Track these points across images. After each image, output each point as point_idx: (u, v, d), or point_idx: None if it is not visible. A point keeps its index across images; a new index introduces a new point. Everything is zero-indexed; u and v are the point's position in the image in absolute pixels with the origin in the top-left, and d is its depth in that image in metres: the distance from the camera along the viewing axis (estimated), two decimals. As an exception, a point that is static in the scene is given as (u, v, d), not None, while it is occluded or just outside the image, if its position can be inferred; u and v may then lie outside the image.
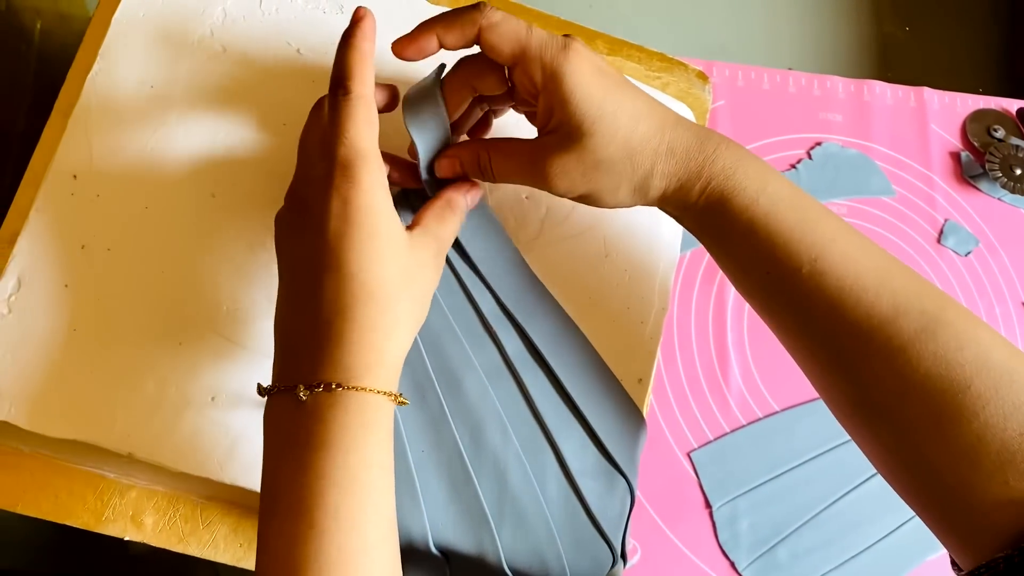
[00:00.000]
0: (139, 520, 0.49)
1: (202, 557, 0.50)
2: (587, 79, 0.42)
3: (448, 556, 0.49)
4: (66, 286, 0.48)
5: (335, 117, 0.41)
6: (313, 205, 0.40)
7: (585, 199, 0.46)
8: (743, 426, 0.70)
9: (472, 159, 0.46)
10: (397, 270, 0.41)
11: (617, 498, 0.51)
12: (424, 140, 0.46)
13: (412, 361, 0.50)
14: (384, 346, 0.40)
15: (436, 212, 0.46)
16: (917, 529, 0.68)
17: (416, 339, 0.50)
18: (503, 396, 0.51)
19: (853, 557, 0.67)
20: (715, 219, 0.44)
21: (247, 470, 0.47)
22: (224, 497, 0.50)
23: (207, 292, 0.49)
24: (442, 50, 0.44)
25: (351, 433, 0.38)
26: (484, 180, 0.47)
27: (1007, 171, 0.79)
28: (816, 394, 0.71)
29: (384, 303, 0.40)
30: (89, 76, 0.51)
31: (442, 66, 0.47)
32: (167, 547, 0.49)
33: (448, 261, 0.52)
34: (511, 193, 0.56)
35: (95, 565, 0.70)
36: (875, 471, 0.49)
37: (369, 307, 0.39)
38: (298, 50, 0.55)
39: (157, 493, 0.50)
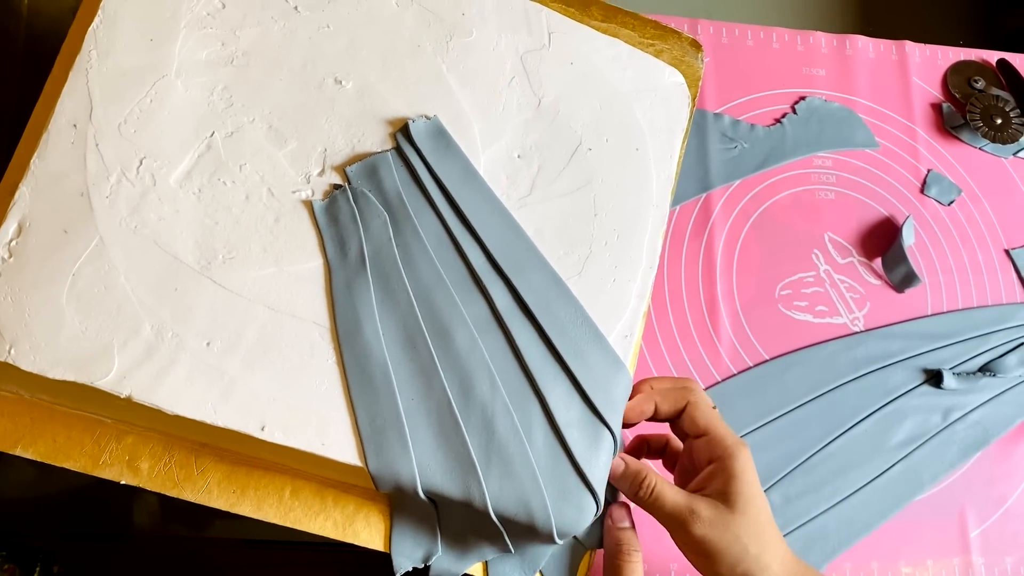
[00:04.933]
0: (135, 465, 0.50)
1: (196, 502, 0.50)
2: (752, 470, 0.51)
3: (436, 501, 0.50)
4: (65, 232, 0.48)
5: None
6: None
7: (704, 554, 0.50)
8: (734, 375, 0.71)
9: (638, 471, 0.52)
10: None
11: (602, 449, 0.51)
12: None
13: (404, 312, 0.51)
14: None
15: None
16: (904, 471, 0.69)
17: (408, 291, 0.51)
18: (492, 348, 0.52)
19: (843, 499, 0.68)
20: None
21: (240, 413, 0.48)
22: (218, 444, 0.51)
23: (203, 240, 0.50)
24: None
25: None
26: (635, 494, 0.52)
27: (988, 121, 0.80)
28: (805, 342, 0.73)
29: None
30: (90, 29, 0.52)
31: None
32: (162, 491, 0.49)
33: (439, 215, 0.53)
34: (503, 151, 0.56)
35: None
36: (863, 416, 0.50)
37: None
38: (296, 7, 0.56)
39: (153, 439, 0.50)
